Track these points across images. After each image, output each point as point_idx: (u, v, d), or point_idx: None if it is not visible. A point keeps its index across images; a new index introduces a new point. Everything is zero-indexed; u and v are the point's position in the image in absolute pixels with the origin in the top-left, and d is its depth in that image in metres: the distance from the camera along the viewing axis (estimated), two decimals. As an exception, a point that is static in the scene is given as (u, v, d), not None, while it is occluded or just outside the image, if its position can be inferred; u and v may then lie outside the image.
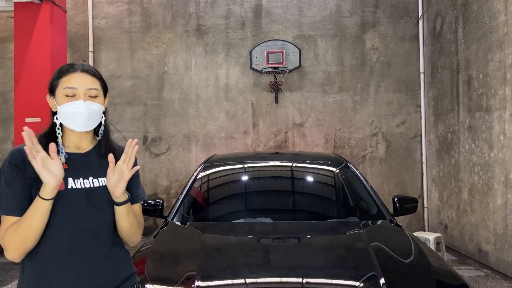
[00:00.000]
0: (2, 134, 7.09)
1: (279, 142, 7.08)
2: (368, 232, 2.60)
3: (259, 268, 2.14)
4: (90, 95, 1.50)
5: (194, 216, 3.14)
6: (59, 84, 1.50)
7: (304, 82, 7.08)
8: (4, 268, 5.43)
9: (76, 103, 1.47)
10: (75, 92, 1.48)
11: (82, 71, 1.51)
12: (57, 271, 1.40)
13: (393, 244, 2.47)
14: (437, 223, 6.58)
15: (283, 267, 2.15)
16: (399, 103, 7.04)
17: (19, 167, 1.43)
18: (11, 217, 1.39)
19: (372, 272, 2.03)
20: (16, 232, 1.37)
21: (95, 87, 1.52)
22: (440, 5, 6.41)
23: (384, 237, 2.60)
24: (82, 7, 7.13)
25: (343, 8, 7.11)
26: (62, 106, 1.48)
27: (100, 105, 1.53)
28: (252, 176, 3.46)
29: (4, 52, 7.14)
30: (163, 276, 2.09)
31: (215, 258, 2.25)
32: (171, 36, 7.15)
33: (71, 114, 1.48)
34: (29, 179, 1.42)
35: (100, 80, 1.55)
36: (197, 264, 2.09)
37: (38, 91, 5.67)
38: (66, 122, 1.50)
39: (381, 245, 2.41)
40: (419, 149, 7.01)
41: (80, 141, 1.55)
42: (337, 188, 3.36)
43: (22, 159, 1.44)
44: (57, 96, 1.50)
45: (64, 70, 1.52)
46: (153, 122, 7.12)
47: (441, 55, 6.37)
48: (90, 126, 1.52)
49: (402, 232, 2.71)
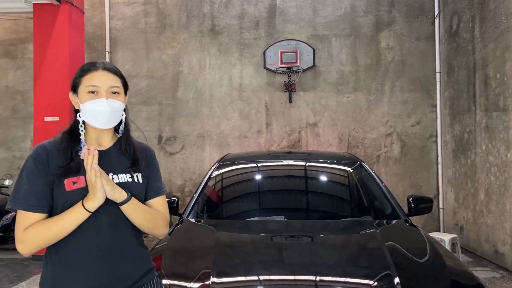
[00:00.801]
0: (21, 133, 7.25)
1: (293, 142, 7.09)
2: (383, 232, 2.60)
3: (273, 266, 2.16)
4: (112, 92, 1.53)
5: (209, 214, 3.17)
6: (82, 82, 1.53)
7: (318, 82, 7.07)
8: (22, 264, 5.56)
9: (99, 101, 1.50)
10: (98, 90, 1.51)
11: (104, 69, 1.54)
12: (81, 265, 1.44)
13: (407, 243, 2.46)
14: (453, 224, 6.50)
15: (297, 265, 2.17)
16: (414, 102, 6.98)
17: (42, 164, 1.46)
18: (29, 212, 1.42)
19: (387, 271, 2.03)
20: (44, 232, 1.40)
21: (116, 85, 1.55)
22: (456, 4, 6.33)
23: (399, 237, 2.59)
24: (99, 8, 7.25)
25: (357, 8, 7.08)
26: (84, 104, 1.51)
27: (121, 102, 1.56)
28: (267, 175, 3.48)
29: (23, 53, 7.29)
30: (179, 272, 2.12)
31: (230, 255, 2.28)
32: (185, 36, 7.21)
33: (93, 112, 1.51)
34: (51, 176, 1.46)
35: (121, 78, 1.58)
36: (212, 261, 2.12)
37: (56, 91, 5.78)
38: (89, 120, 1.53)
39: (396, 244, 2.40)
40: (434, 149, 6.94)
41: (101, 138, 1.58)
42: (351, 187, 3.36)
43: (46, 156, 1.48)
44: (80, 94, 1.53)
45: (86, 68, 1.55)
46: (167, 122, 7.19)
47: (458, 54, 6.29)
48: (112, 123, 1.55)
49: (417, 232, 2.70)
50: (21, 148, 7.25)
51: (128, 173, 1.57)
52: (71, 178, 1.46)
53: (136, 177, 1.58)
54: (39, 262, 5.51)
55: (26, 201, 1.42)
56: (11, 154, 7.25)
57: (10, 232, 6.36)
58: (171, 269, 2.12)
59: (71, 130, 1.56)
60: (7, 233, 6.35)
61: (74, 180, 1.47)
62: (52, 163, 1.47)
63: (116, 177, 1.53)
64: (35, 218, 1.43)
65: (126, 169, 1.57)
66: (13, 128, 7.26)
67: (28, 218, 1.42)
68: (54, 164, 1.47)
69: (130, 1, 7.26)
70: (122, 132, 1.62)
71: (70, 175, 1.47)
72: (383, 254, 2.20)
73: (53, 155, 1.49)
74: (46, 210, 1.45)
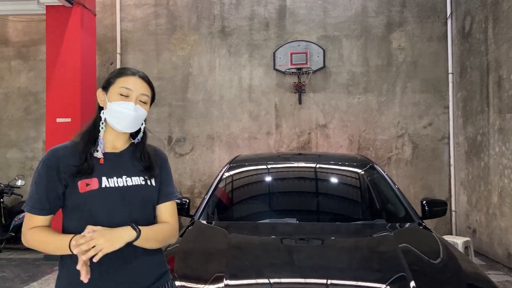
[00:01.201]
0: (33, 134, 7.32)
1: (302, 143, 7.06)
2: (397, 235, 2.57)
3: (287, 269, 2.14)
4: (141, 100, 1.57)
5: (220, 216, 3.16)
6: (116, 82, 1.55)
7: (328, 83, 7.04)
8: (34, 264, 5.61)
9: (127, 103, 1.53)
10: (130, 93, 1.54)
11: (139, 76, 1.58)
12: (97, 269, 1.44)
13: (422, 246, 2.43)
14: (465, 227, 6.42)
15: (311, 268, 2.14)
16: (426, 104, 6.91)
17: (50, 168, 1.48)
18: (32, 215, 1.49)
19: (402, 274, 2.01)
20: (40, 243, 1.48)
21: (147, 94, 1.59)
22: (469, 5, 6.26)
23: (413, 240, 2.55)
24: (110, 10, 7.30)
25: (368, 8, 7.04)
26: (113, 103, 1.53)
27: (146, 112, 1.60)
28: (279, 177, 3.47)
29: (36, 54, 7.36)
30: (192, 275, 2.12)
31: (242, 258, 2.27)
32: (196, 37, 7.23)
33: (118, 113, 1.53)
34: (63, 179, 1.47)
35: (152, 90, 1.62)
36: (225, 263, 2.11)
37: (68, 92, 5.84)
38: (111, 119, 1.54)
39: (411, 247, 2.37)
40: (447, 151, 6.86)
41: (116, 140, 1.59)
42: (364, 189, 3.33)
43: (57, 160, 1.50)
44: (110, 93, 1.55)
45: (124, 72, 1.58)
46: (177, 123, 7.21)
47: (471, 55, 6.21)
48: (132, 128, 1.57)
49: (431, 235, 2.66)
50: (33, 149, 7.31)
51: (142, 176, 1.57)
52: (84, 180, 1.47)
53: (150, 180, 1.59)
54: (51, 262, 5.56)
55: (31, 204, 1.50)
56: (23, 155, 7.32)
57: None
58: (184, 272, 2.11)
59: (90, 129, 1.57)
60: (19, 233, 6.39)
61: (88, 182, 1.47)
62: (63, 166, 1.48)
63: (130, 179, 1.54)
64: (38, 220, 1.49)
65: (139, 172, 1.58)
66: (25, 129, 7.33)
67: (31, 219, 1.50)
68: (66, 165, 1.48)
69: (140, 3, 7.30)
70: (138, 140, 1.63)
71: (83, 176, 1.48)
72: (398, 257, 2.17)
73: (64, 158, 1.50)
74: (47, 213, 1.50)
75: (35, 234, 1.48)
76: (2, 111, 7.37)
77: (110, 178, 1.51)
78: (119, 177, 1.52)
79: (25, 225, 1.51)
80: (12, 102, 7.37)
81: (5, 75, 7.40)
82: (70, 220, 1.49)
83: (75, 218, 1.48)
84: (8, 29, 7.43)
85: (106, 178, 1.50)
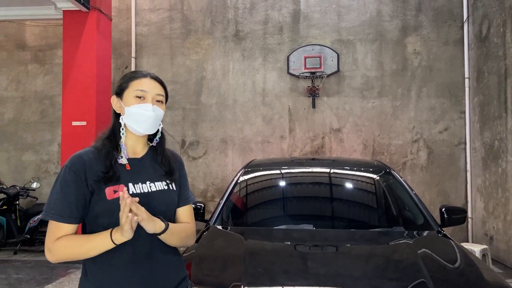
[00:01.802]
0: (49, 137, 7.40)
1: (316, 148, 7.02)
2: (416, 242, 2.52)
3: (307, 278, 2.11)
4: (157, 99, 1.57)
5: (236, 221, 3.14)
6: (130, 86, 1.55)
7: (342, 87, 7.00)
8: (48, 266, 5.65)
9: (145, 105, 1.52)
10: (145, 95, 1.54)
11: (151, 77, 1.58)
12: (121, 274, 1.44)
13: (442, 255, 2.38)
14: (482, 234, 6.30)
15: (332, 276, 2.12)
16: (442, 109, 6.82)
17: (77, 174, 1.45)
18: (59, 223, 1.42)
19: (422, 281, 1.97)
20: (72, 249, 1.41)
21: (161, 94, 1.59)
22: (486, 9, 6.17)
23: (433, 248, 2.50)
24: (126, 15, 7.36)
25: (383, 12, 6.99)
26: (130, 107, 1.52)
27: (163, 111, 1.59)
28: (295, 182, 3.43)
29: (52, 58, 7.46)
30: (210, 281, 2.10)
31: (260, 266, 2.24)
32: (210, 42, 7.25)
33: (138, 116, 1.52)
34: (89, 186, 1.45)
35: (165, 89, 1.62)
36: (242, 270, 2.09)
37: (84, 96, 5.89)
38: (132, 123, 1.53)
39: (431, 255, 2.32)
40: (463, 157, 6.76)
41: (136, 145, 1.59)
42: (382, 196, 3.28)
43: (83, 167, 1.47)
44: (126, 98, 1.54)
45: (134, 75, 1.58)
46: (191, 126, 7.23)
47: (488, 59, 6.12)
48: (152, 129, 1.57)
49: (451, 243, 2.61)
50: (48, 152, 7.40)
51: (164, 181, 1.58)
52: (111, 187, 1.46)
53: (171, 185, 1.60)
54: (65, 264, 5.59)
55: (57, 212, 1.43)
56: (38, 158, 7.41)
57: (37, 234, 6.50)
58: (201, 279, 2.09)
59: (110, 135, 1.56)
60: (34, 236, 6.48)
61: (115, 188, 1.46)
62: (90, 173, 1.46)
63: (153, 185, 1.54)
64: (65, 228, 1.43)
65: (161, 177, 1.58)
66: (41, 132, 7.42)
67: (59, 228, 1.43)
68: (93, 173, 1.46)
69: (155, 7, 7.35)
70: (157, 141, 1.63)
71: (110, 183, 1.46)
72: (418, 265, 2.14)
73: (90, 165, 1.48)
74: (76, 221, 1.45)
75: (64, 242, 1.41)
76: (18, 114, 7.48)
77: (136, 184, 1.51)
78: (143, 183, 1.52)
79: (51, 236, 1.42)
80: (29, 105, 7.48)
81: (22, 79, 7.51)
82: (95, 227, 1.47)
83: (101, 225, 1.45)
84: (26, 34, 7.54)
85: (133, 184, 1.50)
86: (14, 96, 7.50)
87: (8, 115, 7.49)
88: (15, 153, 7.43)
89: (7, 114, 7.50)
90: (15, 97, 7.50)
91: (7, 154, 7.44)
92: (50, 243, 1.42)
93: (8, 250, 6.48)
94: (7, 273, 5.30)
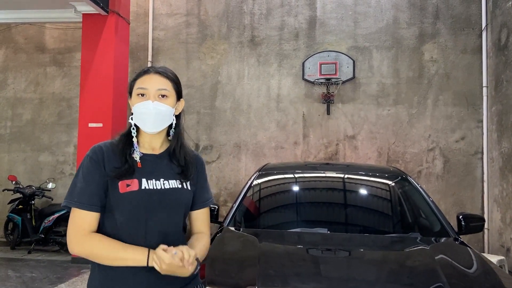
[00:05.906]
0: (65, 138, 7.50)
1: (330, 154, 6.98)
2: (433, 248, 2.48)
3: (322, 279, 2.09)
4: (160, 94, 1.53)
5: (250, 223, 3.13)
6: (135, 86, 1.56)
7: (357, 94, 6.96)
8: (62, 266, 5.70)
9: (145, 103, 1.51)
10: (146, 92, 1.52)
11: (155, 72, 1.55)
12: (132, 270, 1.43)
13: (461, 262, 2.33)
14: (499, 245, 6.16)
15: (347, 280, 2.09)
16: (459, 117, 6.73)
17: (98, 163, 1.48)
18: (82, 210, 1.43)
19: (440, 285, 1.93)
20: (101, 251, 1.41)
21: (165, 88, 1.53)
22: (505, 16, 6.10)
23: (451, 254, 2.46)
24: (143, 19, 7.46)
25: (400, 19, 6.95)
26: (134, 107, 1.54)
27: (168, 106, 1.54)
28: (309, 186, 3.41)
29: (70, 61, 7.58)
30: (224, 283, 2.09)
31: (275, 268, 2.22)
32: (225, 47, 7.30)
33: (141, 115, 1.52)
34: (106, 177, 1.47)
35: (172, 82, 1.57)
36: (257, 272, 2.07)
37: (101, 98, 5.97)
38: (137, 123, 1.54)
39: (448, 261, 2.28)
40: (480, 167, 6.64)
41: (153, 140, 1.58)
42: (399, 202, 3.24)
43: (102, 156, 1.49)
44: (132, 97, 1.56)
45: (139, 73, 1.57)
46: (205, 131, 7.26)
47: (507, 68, 6.03)
48: (159, 127, 1.54)
49: (468, 251, 2.55)
50: (64, 153, 7.49)
51: (178, 179, 1.56)
52: (125, 181, 1.47)
53: (185, 184, 1.58)
54: (78, 264, 5.64)
55: (79, 199, 1.43)
56: (54, 159, 7.51)
57: (51, 234, 6.56)
58: (215, 280, 2.08)
59: (126, 132, 1.58)
60: (48, 235, 6.54)
61: (128, 182, 1.47)
62: (108, 164, 1.48)
63: (167, 182, 1.53)
64: (88, 217, 1.43)
65: (175, 175, 1.57)
66: (57, 133, 7.53)
67: (81, 216, 1.43)
68: (109, 165, 1.48)
69: (172, 12, 7.44)
70: (173, 133, 1.61)
71: (124, 177, 1.47)
72: (436, 271, 2.09)
73: (109, 156, 1.50)
74: (98, 209, 1.46)
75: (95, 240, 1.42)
76: (36, 115, 7.60)
77: (149, 180, 1.50)
78: (157, 179, 1.52)
79: (74, 225, 1.43)
80: (46, 107, 7.60)
81: (40, 81, 7.65)
82: (106, 220, 1.48)
83: (112, 218, 1.47)
84: (45, 37, 7.69)
85: (146, 180, 1.50)
86: (32, 98, 7.63)
87: (26, 116, 7.62)
88: (32, 153, 7.54)
89: (25, 115, 7.63)
90: (33, 98, 7.63)
91: (24, 155, 7.56)
92: (74, 233, 1.43)
93: (22, 249, 6.57)
94: (21, 271, 5.36)
